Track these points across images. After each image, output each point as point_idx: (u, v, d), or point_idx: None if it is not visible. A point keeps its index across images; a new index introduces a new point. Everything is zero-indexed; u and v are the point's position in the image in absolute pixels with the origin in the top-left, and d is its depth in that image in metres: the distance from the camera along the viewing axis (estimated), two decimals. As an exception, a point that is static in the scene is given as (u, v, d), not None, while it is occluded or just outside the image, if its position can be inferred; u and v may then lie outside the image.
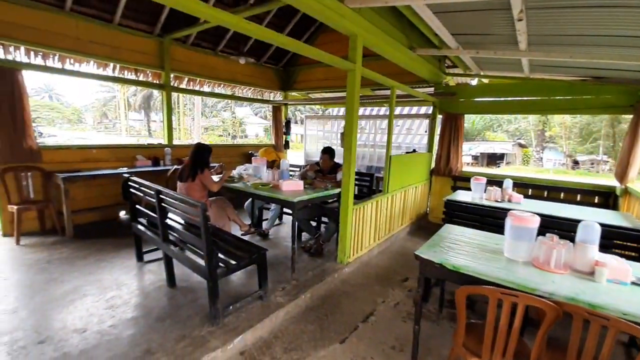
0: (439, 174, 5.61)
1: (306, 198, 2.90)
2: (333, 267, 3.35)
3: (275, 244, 4.04)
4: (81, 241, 3.82)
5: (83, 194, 4.41)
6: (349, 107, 3.17)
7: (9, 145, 3.75)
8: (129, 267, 3.16)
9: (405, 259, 4.02)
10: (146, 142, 6.01)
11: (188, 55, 5.51)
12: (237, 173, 3.63)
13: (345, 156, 3.24)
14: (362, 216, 3.63)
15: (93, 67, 4.58)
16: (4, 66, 3.67)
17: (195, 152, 3.08)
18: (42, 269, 3.05)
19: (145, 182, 2.75)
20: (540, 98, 4.75)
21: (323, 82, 6.93)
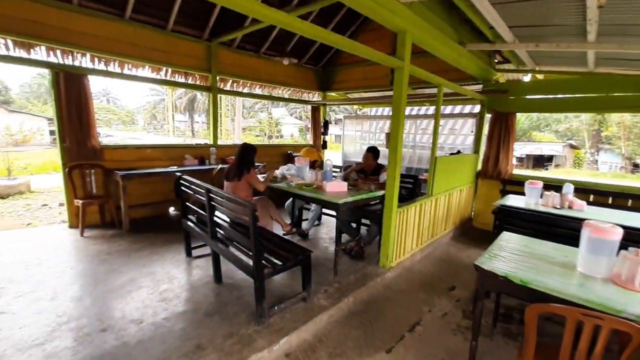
0: (486, 176, 5.28)
1: (351, 200, 2.84)
2: (375, 271, 3.26)
3: (315, 245, 4.03)
4: (136, 235, 4.08)
5: (138, 190, 4.71)
6: (396, 107, 3.06)
7: (76, 145, 4.11)
8: (178, 261, 3.32)
9: (449, 266, 3.82)
10: (194, 143, 6.27)
11: (233, 58, 5.68)
12: (280, 173, 3.67)
13: (391, 157, 3.14)
14: (405, 219, 3.50)
15: (148, 72, 4.88)
16: (73, 72, 4.02)
17: (242, 152, 3.15)
18: (103, 260, 3.29)
19: (196, 181, 2.85)
20: (603, 95, 4.27)
21: (362, 82, 6.83)
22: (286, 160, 6.88)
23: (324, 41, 2.36)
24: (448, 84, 3.91)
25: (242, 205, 2.20)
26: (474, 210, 5.56)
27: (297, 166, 3.54)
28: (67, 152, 4.10)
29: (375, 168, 3.86)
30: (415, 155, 6.58)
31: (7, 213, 5.46)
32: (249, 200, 3.18)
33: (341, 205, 2.74)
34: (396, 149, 3.10)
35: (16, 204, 6.13)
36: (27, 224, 4.87)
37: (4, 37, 3.62)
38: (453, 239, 4.81)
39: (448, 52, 3.66)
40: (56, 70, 3.93)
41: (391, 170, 3.16)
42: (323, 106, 7.65)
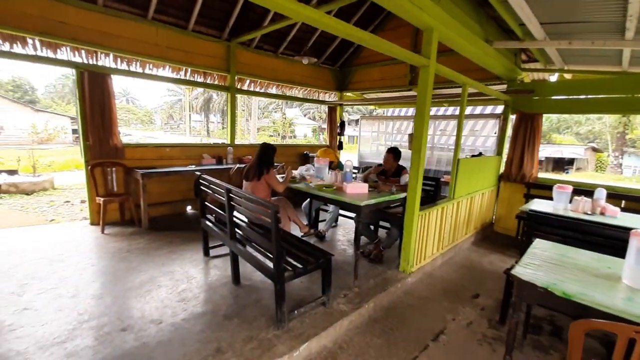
0: (509, 179, 5.09)
1: (373, 202, 2.76)
2: (395, 276, 3.16)
3: (332, 247, 3.96)
4: (155, 233, 4.11)
5: (157, 188, 4.76)
6: (420, 107, 2.96)
7: (98, 143, 4.18)
8: (197, 260, 3.31)
9: (472, 272, 3.67)
10: (211, 142, 6.31)
11: (251, 58, 5.68)
12: (298, 173, 3.62)
13: (414, 159, 3.04)
14: (427, 223, 3.39)
15: (168, 72, 4.93)
16: (97, 71, 4.09)
17: (262, 152, 3.11)
18: (123, 257, 3.32)
19: (216, 180, 2.83)
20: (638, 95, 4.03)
21: (379, 82, 6.73)
22: (302, 161, 6.84)
23: (350, 38, 2.29)
24: (473, 84, 3.78)
25: (264, 206, 2.15)
26: (495, 214, 5.37)
27: (316, 167, 3.48)
28: (90, 150, 4.17)
29: (396, 170, 3.75)
30: (434, 157, 6.42)
31: (31, 209, 5.62)
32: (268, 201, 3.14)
33: (363, 208, 2.67)
34: (420, 151, 3.00)
35: (40, 200, 6.32)
36: (51, 220, 4.99)
37: (32, 37, 3.71)
38: (474, 244, 4.65)
39: (474, 51, 3.53)
40: (81, 70, 4.01)
41: (414, 172, 3.06)
42: (340, 106, 7.58)
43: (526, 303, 2.18)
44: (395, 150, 3.79)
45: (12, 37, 3.62)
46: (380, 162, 3.89)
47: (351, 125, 29.05)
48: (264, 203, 2.16)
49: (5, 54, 3.63)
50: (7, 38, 3.61)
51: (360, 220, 2.75)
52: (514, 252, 4.35)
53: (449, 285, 3.29)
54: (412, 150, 3.06)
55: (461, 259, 4.07)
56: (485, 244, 4.69)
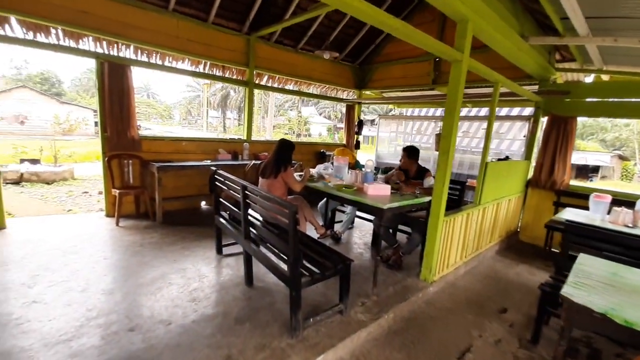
0: (537, 186, 4.79)
1: (396, 205, 2.58)
2: (416, 285, 2.97)
3: (348, 249, 3.80)
4: (169, 227, 4.06)
5: (172, 182, 4.72)
6: (451, 105, 2.76)
7: (116, 134, 4.15)
8: (209, 258, 3.22)
9: (497, 283, 3.44)
10: (228, 137, 6.26)
11: (270, 53, 5.57)
12: (316, 172, 3.47)
13: (441, 161, 2.84)
14: (451, 229, 3.18)
15: (187, 65, 4.87)
16: (117, 62, 4.06)
17: (279, 149, 2.98)
18: (136, 251, 3.26)
19: (232, 177, 2.72)
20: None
21: (401, 80, 6.49)
22: (318, 159, 6.70)
23: (380, 25, 2.11)
24: (506, 82, 3.53)
25: (281, 205, 2.01)
26: (521, 222, 5.08)
27: (336, 166, 3.32)
28: (108, 142, 4.16)
29: (418, 171, 3.55)
30: (456, 160, 6.14)
31: (51, 198, 5.70)
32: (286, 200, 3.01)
33: (385, 211, 2.49)
34: (448, 152, 2.80)
35: (60, 190, 6.42)
36: (68, 210, 5.03)
37: (56, 27, 3.70)
38: (498, 253, 4.39)
39: (508, 46, 3.29)
40: (101, 61, 3.99)
41: (440, 175, 2.86)
42: (358, 105, 7.40)
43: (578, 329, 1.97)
44: (410, 149, 3.56)
45: (35, 26, 3.62)
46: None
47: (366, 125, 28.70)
48: (282, 202, 2.03)
49: (30, 42, 3.64)
50: (31, 27, 3.61)
51: (382, 224, 2.57)
52: (541, 264, 4.08)
53: (473, 297, 3.08)
54: (439, 152, 2.86)
55: (485, 268, 3.83)
56: (510, 253, 4.42)
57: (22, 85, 21.72)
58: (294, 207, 1.88)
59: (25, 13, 3.47)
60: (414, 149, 3.56)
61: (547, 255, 4.35)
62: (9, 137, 11.75)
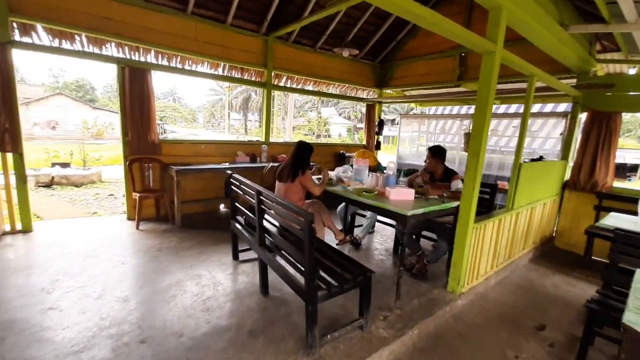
0: (575, 188, 4.40)
1: (421, 212, 2.38)
2: (443, 297, 2.76)
3: (368, 256, 3.62)
4: (187, 231, 4.04)
5: (191, 185, 4.72)
6: (482, 102, 2.53)
7: (137, 138, 4.19)
8: (225, 264, 3.14)
9: (532, 296, 3.15)
10: (246, 139, 6.24)
11: (288, 53, 5.49)
12: (335, 175, 3.32)
13: (471, 162, 2.61)
14: (481, 237, 2.94)
15: (207, 68, 4.88)
16: (137, 66, 4.10)
17: (297, 151, 2.86)
18: (154, 256, 3.24)
19: (247, 181, 2.62)
20: None
21: (424, 77, 6.21)
22: (337, 161, 6.55)
23: (405, 15, 1.92)
24: (543, 76, 3.23)
25: (297, 214, 1.88)
26: (556, 227, 4.69)
27: (355, 168, 3.15)
28: (129, 146, 4.20)
29: (445, 173, 3.31)
30: (485, 161, 5.78)
31: (78, 201, 5.89)
32: (302, 207, 2.89)
33: (409, 218, 2.30)
34: (478, 153, 2.57)
35: (87, 192, 6.64)
36: (93, 212, 5.16)
37: (79, 33, 3.78)
38: (532, 261, 4.05)
39: (546, 37, 2.99)
40: (122, 65, 4.04)
41: (470, 178, 2.63)
42: (379, 104, 7.18)
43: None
44: (435, 149, 3.30)
45: (61, 33, 3.71)
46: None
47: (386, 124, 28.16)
48: (298, 210, 1.89)
49: (56, 49, 3.74)
50: (57, 34, 3.71)
51: (405, 232, 2.38)
52: (580, 274, 3.72)
53: (506, 311, 2.82)
54: (468, 153, 2.63)
55: (518, 278, 3.53)
56: (545, 261, 4.07)
57: (59, 92, 23.04)
58: (309, 215, 1.74)
59: (51, 21, 3.55)
60: (439, 149, 3.32)
61: (587, 265, 3.97)
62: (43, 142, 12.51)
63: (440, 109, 8.16)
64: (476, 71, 5.45)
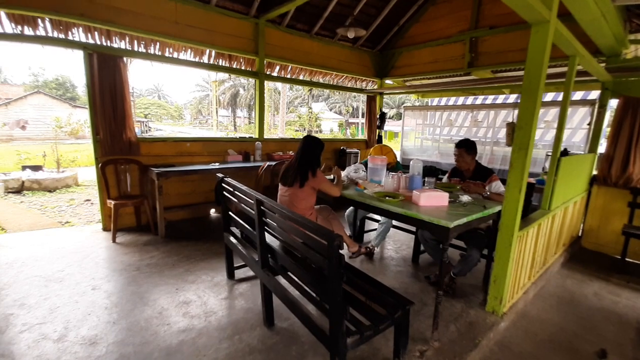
0: (605, 183, 4.00)
1: (465, 222, 1.90)
2: (483, 320, 2.31)
3: (383, 268, 3.14)
4: (172, 243, 3.50)
5: (176, 189, 4.17)
6: (532, 84, 2.06)
7: (110, 137, 3.61)
8: (218, 285, 2.62)
9: (576, 310, 2.72)
10: (238, 136, 5.68)
11: (282, 39, 4.93)
12: (346, 175, 2.82)
13: (516, 159, 2.15)
14: (523, 246, 2.49)
15: (190, 56, 4.29)
16: (107, 52, 3.50)
17: (306, 149, 2.34)
18: (131, 278, 2.70)
19: (242, 187, 2.10)
20: None
21: (430, 65, 5.73)
22: (338, 159, 6.05)
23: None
24: (586, 56, 2.78)
25: (318, 233, 1.37)
26: (583, 226, 4.30)
27: (371, 167, 2.65)
28: (101, 146, 3.62)
29: (477, 171, 2.85)
30: (499, 155, 5.37)
31: (50, 208, 5.25)
32: (312, 216, 2.38)
33: (452, 231, 1.82)
34: (526, 147, 2.10)
35: (61, 198, 5.98)
36: (65, 222, 4.54)
37: (43, 17, 3.20)
38: (564, 266, 3.64)
39: (592, 10, 2.51)
40: (89, 52, 3.44)
41: (515, 178, 2.17)
42: (380, 95, 6.68)
43: None
44: (466, 143, 2.83)
45: (23, 18, 3.15)
46: (453, 165, 3.01)
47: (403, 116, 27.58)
48: (316, 228, 1.39)
49: (18, 37, 3.22)
50: (19, 20, 3.16)
51: (445, 247, 1.90)
52: (620, 279, 3.33)
53: (555, 334, 2.38)
54: (513, 148, 2.16)
55: (555, 288, 3.11)
56: (576, 265, 3.67)
57: (37, 91, 21.82)
58: (336, 238, 1.24)
59: (13, 5, 2.97)
60: (472, 143, 2.84)
61: (624, 268, 3.58)
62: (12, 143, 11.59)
63: (444, 100, 7.74)
64: (489, 57, 5.01)
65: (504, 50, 4.76)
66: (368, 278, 1.84)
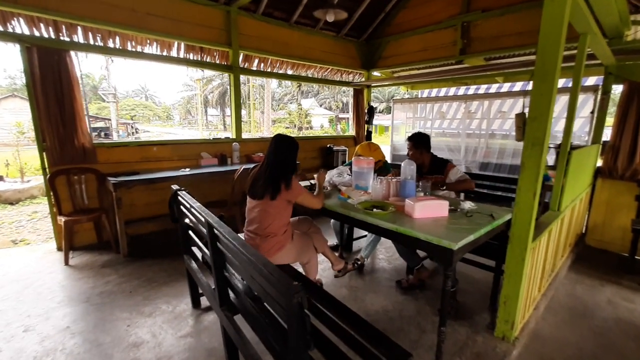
0: (610, 176, 3.70)
1: (471, 240, 1.52)
2: (492, 348, 1.95)
3: (375, 286, 2.74)
4: (134, 263, 3.06)
5: (143, 199, 3.72)
6: (546, 65, 1.68)
7: (57, 143, 3.14)
8: (179, 317, 2.21)
9: (593, 324, 2.39)
10: (211, 137, 5.21)
11: (258, 29, 4.48)
12: (327, 181, 2.42)
13: (529, 156, 1.77)
14: (536, 257, 2.14)
15: (156, 49, 3.82)
16: (49, 46, 3.03)
17: (277, 151, 1.92)
18: (77, 313, 2.26)
19: (195, 204, 1.68)
20: None
21: (418, 54, 5.34)
22: (324, 158, 5.65)
23: None
24: (597, 35, 2.43)
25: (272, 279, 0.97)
26: (587, 222, 4.00)
27: (356, 170, 2.25)
28: (49, 154, 3.15)
29: (434, 163, 2.64)
30: (495, 148, 5.04)
31: (7, 223, 4.74)
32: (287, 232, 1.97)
33: (457, 253, 1.44)
34: (542, 142, 1.73)
35: (23, 211, 5.46)
36: (20, 240, 4.06)
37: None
38: (571, 268, 3.32)
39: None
40: (27, 45, 2.96)
41: (528, 179, 1.79)
42: (367, 88, 6.29)
43: None
44: (417, 137, 2.69)
45: None
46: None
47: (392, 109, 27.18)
48: (272, 271, 0.99)
49: None
50: None
51: (449, 274, 1.52)
52: (632, 281, 3.03)
53: (572, 356, 2.04)
54: (525, 143, 1.79)
55: (565, 297, 2.78)
56: (583, 267, 3.36)
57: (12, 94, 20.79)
58: (296, 293, 0.84)
59: None
60: (420, 136, 2.69)
61: (634, 267, 3.28)
62: None
63: (434, 91, 7.37)
64: (482, 43, 4.65)
65: (498, 34, 4.40)
66: (352, 317, 1.45)
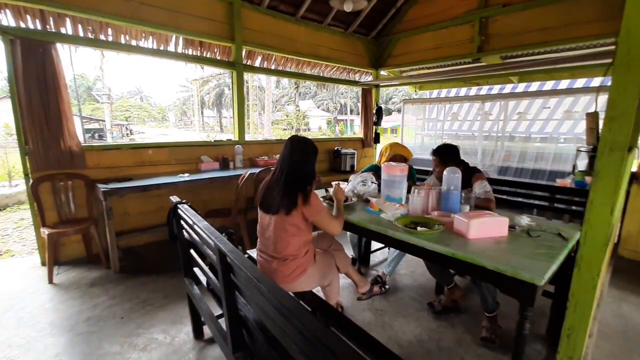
0: (646, 182, 3.42)
1: (554, 269, 1.21)
2: (553, 390, 1.63)
3: (402, 307, 2.42)
4: (127, 280, 2.72)
5: (138, 208, 3.39)
6: (632, 51, 1.37)
7: (41, 146, 2.80)
8: (180, 353, 1.87)
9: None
10: (212, 139, 4.90)
11: (262, 23, 4.17)
12: (350, 190, 2.10)
13: (604, 165, 1.45)
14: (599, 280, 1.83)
15: (152, 43, 3.51)
16: (33, 37, 2.70)
17: (293, 157, 1.59)
18: (60, 345, 1.92)
19: (202, 224, 1.36)
20: None
21: (432, 52, 5.05)
22: (332, 161, 5.33)
23: None
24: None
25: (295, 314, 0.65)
26: (620, 232, 3.71)
27: (387, 179, 1.92)
28: (32, 158, 2.81)
29: (464, 173, 2.23)
30: (515, 151, 4.75)
31: (-9, 232, 4.37)
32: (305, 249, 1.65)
33: (540, 290, 1.13)
34: (624, 147, 1.41)
35: (9, 218, 5.09)
36: (4, 251, 3.68)
37: None
38: (611, 284, 3.02)
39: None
40: (10, 37, 2.63)
41: (603, 193, 1.47)
42: (376, 88, 5.99)
43: None
44: (442, 151, 2.23)
45: None
46: None
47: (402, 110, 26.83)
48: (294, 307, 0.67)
49: None
50: None
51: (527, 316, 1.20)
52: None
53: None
54: (600, 147, 1.47)
55: (614, 319, 2.47)
56: (622, 282, 3.05)
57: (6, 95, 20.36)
58: None
59: None
60: (447, 149, 2.22)
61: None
62: None
63: (444, 92, 7.09)
64: (502, 40, 4.36)
65: (520, 31, 4.11)
66: (383, 352, 1.12)
